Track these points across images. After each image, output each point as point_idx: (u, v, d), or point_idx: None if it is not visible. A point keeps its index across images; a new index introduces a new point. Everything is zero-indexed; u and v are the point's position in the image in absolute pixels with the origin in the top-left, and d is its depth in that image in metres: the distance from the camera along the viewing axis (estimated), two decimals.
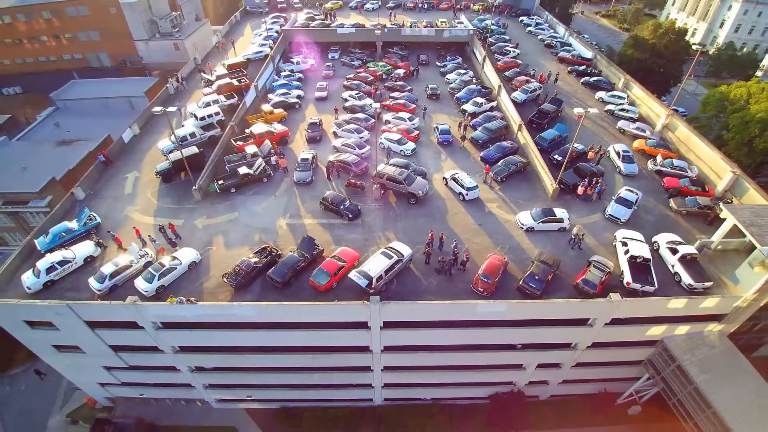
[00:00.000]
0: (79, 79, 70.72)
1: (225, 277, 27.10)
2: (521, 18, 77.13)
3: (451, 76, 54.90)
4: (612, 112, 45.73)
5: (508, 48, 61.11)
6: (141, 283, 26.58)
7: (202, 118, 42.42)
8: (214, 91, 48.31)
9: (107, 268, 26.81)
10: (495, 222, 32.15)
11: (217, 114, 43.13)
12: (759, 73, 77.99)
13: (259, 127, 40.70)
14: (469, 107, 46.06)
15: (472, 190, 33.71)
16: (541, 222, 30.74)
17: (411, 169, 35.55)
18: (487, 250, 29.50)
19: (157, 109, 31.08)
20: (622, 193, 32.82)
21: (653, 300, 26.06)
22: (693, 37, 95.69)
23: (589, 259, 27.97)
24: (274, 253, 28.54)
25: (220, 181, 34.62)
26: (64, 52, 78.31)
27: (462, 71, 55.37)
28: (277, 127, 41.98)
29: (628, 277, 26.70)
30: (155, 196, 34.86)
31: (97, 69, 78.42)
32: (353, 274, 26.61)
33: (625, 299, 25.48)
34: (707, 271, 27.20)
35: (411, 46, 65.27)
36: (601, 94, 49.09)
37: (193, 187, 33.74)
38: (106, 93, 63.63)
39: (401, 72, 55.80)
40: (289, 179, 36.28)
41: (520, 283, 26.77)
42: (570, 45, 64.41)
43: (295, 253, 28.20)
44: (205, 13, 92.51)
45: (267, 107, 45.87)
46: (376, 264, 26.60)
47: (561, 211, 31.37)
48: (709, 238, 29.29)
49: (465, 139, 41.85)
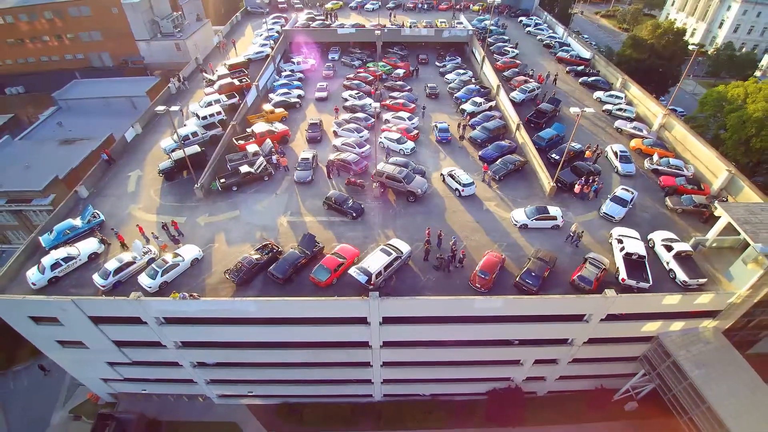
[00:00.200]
0: (81, 78, 71.20)
1: (227, 274, 27.54)
2: (520, 18, 77.52)
3: (450, 76, 55.30)
4: (609, 112, 46.11)
5: (507, 48, 61.54)
6: (144, 280, 26.99)
7: (204, 118, 42.91)
8: (216, 91, 48.77)
9: (111, 265, 27.21)
10: (493, 220, 32.56)
11: (218, 113, 43.66)
12: (758, 73, 78.11)
13: (260, 127, 41.20)
14: (467, 107, 46.43)
15: (467, 186, 34.09)
16: (535, 219, 31.14)
17: (410, 167, 35.94)
18: (485, 247, 29.90)
19: (160, 109, 31.63)
20: (617, 192, 33.21)
21: (648, 296, 26.44)
22: (692, 38, 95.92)
23: (585, 256, 28.30)
24: (275, 250, 28.97)
25: (222, 180, 35.08)
26: (67, 52, 78.70)
27: (461, 71, 55.77)
28: (278, 127, 42.41)
29: (623, 274, 27.09)
30: (158, 194, 35.31)
31: (99, 69, 78.82)
32: (353, 271, 26.99)
33: (620, 295, 25.84)
34: (702, 268, 27.58)
35: (411, 46, 65.66)
36: (598, 94, 49.52)
37: (196, 186, 34.18)
38: (108, 93, 64.10)
39: (401, 72, 56.21)
40: (290, 178, 36.71)
41: (517, 280, 27.17)
42: (568, 45, 64.79)
43: (295, 250, 28.58)
44: (206, 14, 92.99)
45: (268, 107, 46.26)
46: (375, 261, 26.99)
47: (555, 209, 31.78)
48: (704, 235, 29.64)
49: (464, 139, 42.27)
